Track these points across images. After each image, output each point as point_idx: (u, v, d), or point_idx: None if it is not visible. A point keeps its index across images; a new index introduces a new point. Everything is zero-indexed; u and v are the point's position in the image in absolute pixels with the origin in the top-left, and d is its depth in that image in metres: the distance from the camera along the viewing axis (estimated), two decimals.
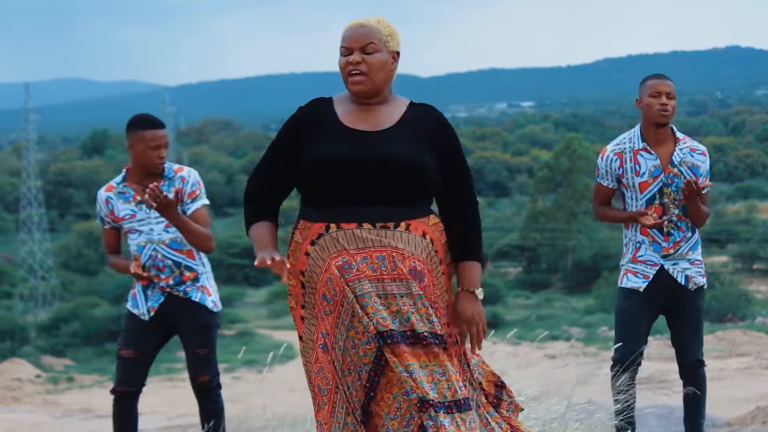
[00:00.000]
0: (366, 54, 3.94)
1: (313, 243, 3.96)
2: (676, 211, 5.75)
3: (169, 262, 5.92)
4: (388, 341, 3.87)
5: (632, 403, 5.86)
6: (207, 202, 5.99)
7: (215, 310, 6.04)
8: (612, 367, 5.89)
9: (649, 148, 5.77)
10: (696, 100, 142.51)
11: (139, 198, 5.92)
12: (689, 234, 5.79)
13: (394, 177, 3.90)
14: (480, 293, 4.03)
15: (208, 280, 6.06)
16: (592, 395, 6.57)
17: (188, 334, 5.98)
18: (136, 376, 6.00)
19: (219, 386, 6.05)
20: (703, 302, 5.90)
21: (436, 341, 3.90)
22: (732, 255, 52.52)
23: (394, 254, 3.90)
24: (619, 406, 5.82)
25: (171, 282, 5.93)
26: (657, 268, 5.79)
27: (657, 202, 5.76)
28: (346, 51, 3.97)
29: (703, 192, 5.68)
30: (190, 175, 5.95)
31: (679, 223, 5.77)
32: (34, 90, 75.06)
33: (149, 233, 5.93)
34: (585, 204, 52.58)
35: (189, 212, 5.90)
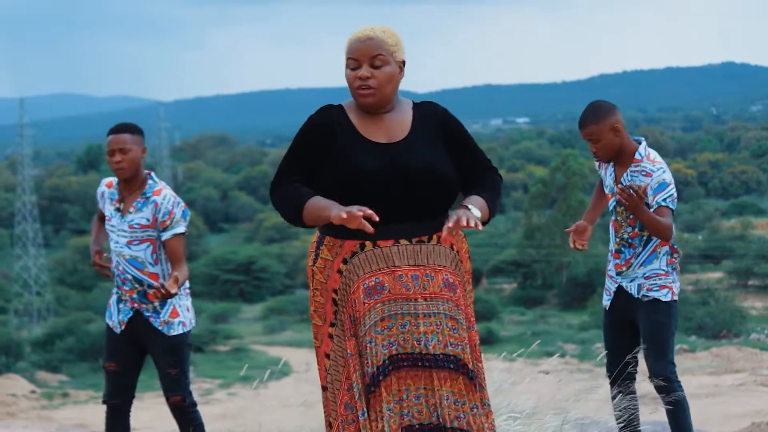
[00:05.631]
0: (374, 68, 3.86)
1: (345, 261, 3.87)
2: (629, 229, 5.69)
3: (130, 276, 5.85)
4: (398, 364, 3.82)
5: (633, 418, 5.82)
6: (182, 231, 5.83)
7: (184, 330, 5.93)
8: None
9: (613, 165, 5.77)
10: (691, 116, 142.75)
11: (117, 205, 5.90)
12: (640, 249, 5.67)
13: (423, 190, 3.85)
14: (475, 211, 3.81)
15: (178, 299, 5.92)
16: (587, 411, 6.57)
17: (158, 354, 5.92)
18: (123, 388, 5.98)
19: (193, 404, 6.00)
20: (664, 317, 5.66)
21: (451, 365, 3.85)
22: (727, 271, 52.46)
23: (427, 271, 3.86)
24: (622, 424, 5.80)
25: (135, 296, 5.86)
26: (617, 284, 5.78)
27: (613, 218, 5.78)
28: (354, 63, 3.88)
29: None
30: (164, 201, 5.81)
31: (631, 240, 5.70)
32: (30, 105, 75.02)
33: (114, 244, 5.88)
34: (580, 220, 52.53)
35: (163, 239, 5.81)
